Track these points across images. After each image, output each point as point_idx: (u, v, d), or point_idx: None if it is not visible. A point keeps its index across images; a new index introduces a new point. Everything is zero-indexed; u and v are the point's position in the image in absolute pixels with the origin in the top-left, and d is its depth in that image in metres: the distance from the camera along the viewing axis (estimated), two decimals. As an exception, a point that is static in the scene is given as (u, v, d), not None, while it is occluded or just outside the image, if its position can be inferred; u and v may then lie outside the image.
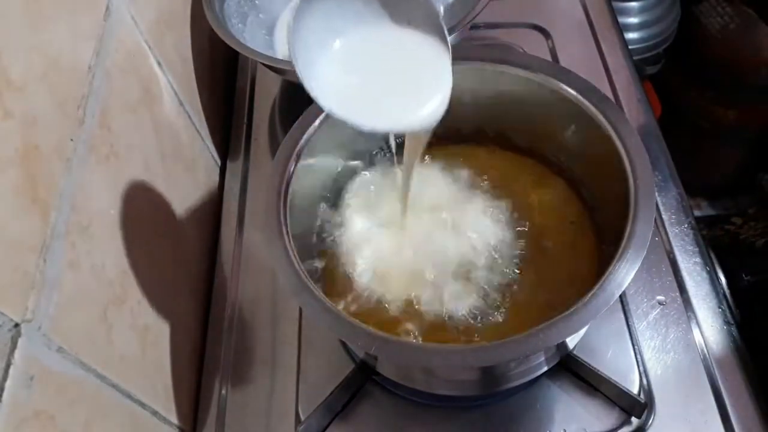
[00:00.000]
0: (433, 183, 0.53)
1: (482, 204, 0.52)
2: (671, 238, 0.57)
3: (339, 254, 0.50)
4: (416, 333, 0.46)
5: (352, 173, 0.54)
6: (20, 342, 0.32)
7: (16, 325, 0.32)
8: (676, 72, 1.19)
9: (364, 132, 0.40)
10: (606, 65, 0.71)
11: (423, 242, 0.50)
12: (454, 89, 0.52)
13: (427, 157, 0.54)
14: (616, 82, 0.69)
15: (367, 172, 0.54)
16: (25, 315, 0.33)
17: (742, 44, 1.09)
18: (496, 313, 0.47)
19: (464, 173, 0.54)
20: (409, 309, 0.47)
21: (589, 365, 0.48)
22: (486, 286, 0.48)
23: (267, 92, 0.74)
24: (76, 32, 0.43)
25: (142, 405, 0.45)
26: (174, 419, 0.50)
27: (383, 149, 0.55)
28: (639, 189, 0.41)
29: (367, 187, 0.54)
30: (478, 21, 0.60)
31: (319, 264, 0.50)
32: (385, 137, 0.53)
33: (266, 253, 0.52)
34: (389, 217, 0.51)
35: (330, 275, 0.50)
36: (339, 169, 0.54)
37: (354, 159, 0.55)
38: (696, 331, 0.52)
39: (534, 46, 0.74)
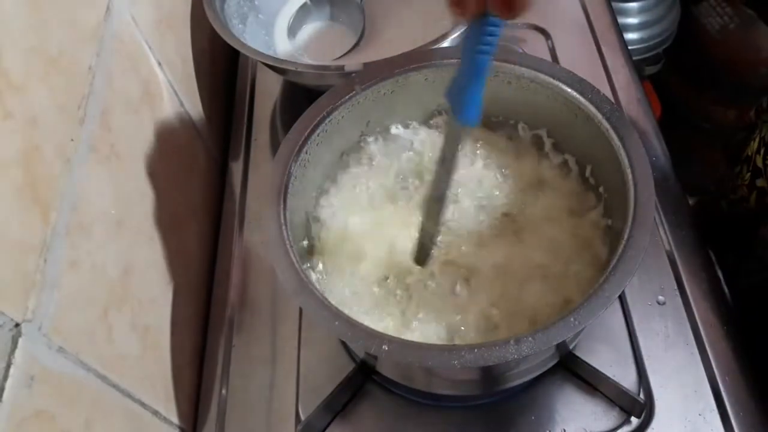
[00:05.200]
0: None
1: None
2: (671, 238, 0.57)
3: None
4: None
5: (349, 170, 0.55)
6: (21, 342, 0.32)
7: (17, 324, 0.32)
8: (675, 72, 1.19)
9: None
10: (606, 65, 0.71)
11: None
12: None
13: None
14: (616, 82, 0.69)
15: (359, 168, 0.55)
16: (26, 315, 0.33)
17: (742, 44, 1.09)
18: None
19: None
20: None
21: (589, 365, 0.48)
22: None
23: (267, 92, 0.74)
24: (76, 32, 0.43)
25: (143, 405, 0.45)
26: (174, 419, 0.50)
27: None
28: (638, 189, 0.42)
29: (361, 180, 0.54)
30: (478, 21, 0.60)
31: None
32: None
33: (266, 253, 0.52)
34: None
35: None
36: (338, 167, 0.54)
37: (353, 158, 0.55)
38: (696, 331, 0.52)
39: (534, 46, 0.74)
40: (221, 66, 0.76)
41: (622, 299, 0.54)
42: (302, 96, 0.71)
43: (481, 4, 0.35)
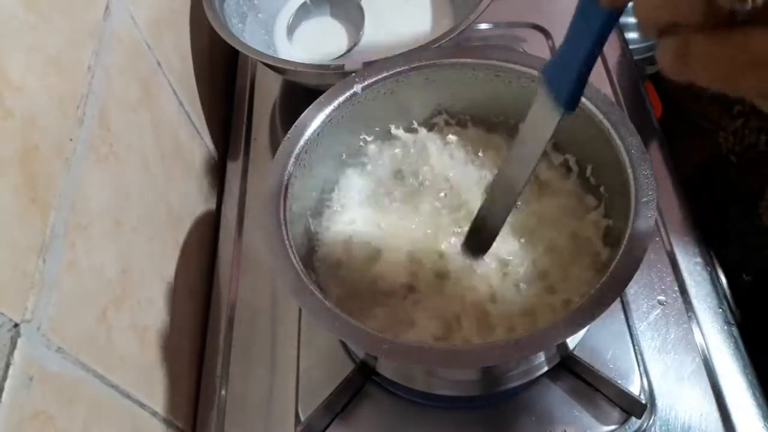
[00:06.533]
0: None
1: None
2: (671, 238, 0.57)
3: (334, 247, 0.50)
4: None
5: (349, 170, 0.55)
6: (19, 342, 0.32)
7: (16, 325, 0.32)
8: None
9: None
10: (606, 65, 0.71)
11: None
12: (455, 87, 0.53)
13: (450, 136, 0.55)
14: (617, 81, 0.69)
15: (359, 168, 0.55)
16: (25, 315, 0.33)
17: (743, 44, 1.09)
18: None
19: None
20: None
21: (590, 366, 0.48)
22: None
23: (267, 92, 0.73)
24: (75, 32, 0.43)
25: (142, 405, 0.45)
26: (174, 419, 0.50)
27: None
28: (639, 189, 0.41)
29: (361, 180, 0.54)
30: (478, 21, 0.60)
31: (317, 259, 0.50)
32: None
33: (266, 253, 0.52)
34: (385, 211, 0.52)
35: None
36: (338, 167, 0.54)
37: (353, 157, 0.55)
38: (696, 332, 0.52)
39: (534, 46, 0.73)
40: (221, 65, 0.76)
41: (623, 299, 0.54)
42: (302, 96, 0.71)
43: None
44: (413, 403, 0.50)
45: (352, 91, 0.50)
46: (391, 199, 0.53)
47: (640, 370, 0.50)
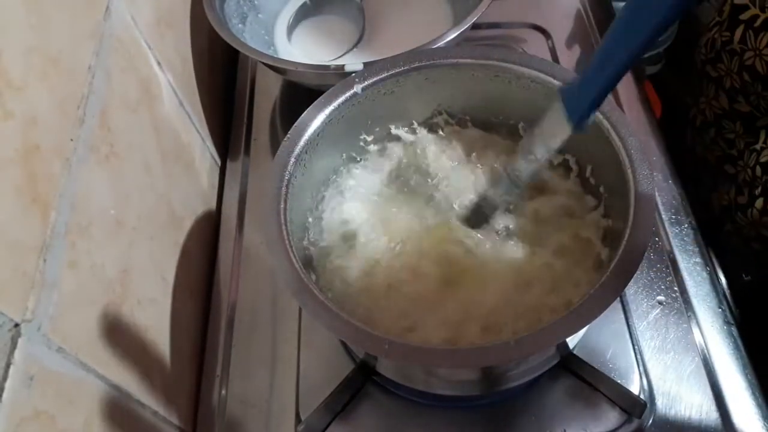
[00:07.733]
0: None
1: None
2: (671, 238, 0.57)
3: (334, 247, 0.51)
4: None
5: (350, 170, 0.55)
6: (20, 342, 0.32)
7: (16, 325, 0.32)
8: (676, 72, 1.19)
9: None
10: (606, 65, 0.70)
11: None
12: (455, 87, 0.53)
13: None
14: (616, 82, 0.69)
15: (359, 168, 0.55)
16: (25, 315, 0.33)
17: (742, 44, 1.09)
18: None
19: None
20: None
21: (590, 365, 0.48)
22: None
23: (267, 92, 0.74)
24: (76, 32, 0.43)
25: (142, 405, 0.45)
26: (174, 419, 0.50)
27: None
28: (639, 189, 0.41)
29: (361, 181, 0.54)
30: (478, 21, 0.60)
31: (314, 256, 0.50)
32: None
33: (266, 253, 0.52)
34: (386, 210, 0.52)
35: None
36: (338, 167, 0.54)
37: (353, 158, 0.55)
38: (696, 331, 0.52)
39: (534, 46, 0.74)
40: (221, 66, 0.76)
41: (622, 299, 0.54)
42: (302, 96, 0.71)
43: None
44: (413, 403, 0.50)
45: (352, 92, 0.50)
46: (391, 198, 0.53)
47: (639, 370, 0.50)
